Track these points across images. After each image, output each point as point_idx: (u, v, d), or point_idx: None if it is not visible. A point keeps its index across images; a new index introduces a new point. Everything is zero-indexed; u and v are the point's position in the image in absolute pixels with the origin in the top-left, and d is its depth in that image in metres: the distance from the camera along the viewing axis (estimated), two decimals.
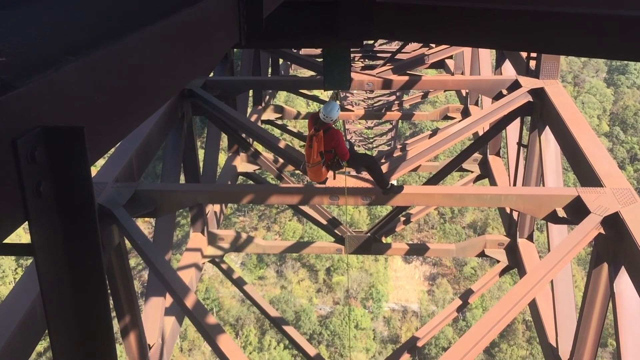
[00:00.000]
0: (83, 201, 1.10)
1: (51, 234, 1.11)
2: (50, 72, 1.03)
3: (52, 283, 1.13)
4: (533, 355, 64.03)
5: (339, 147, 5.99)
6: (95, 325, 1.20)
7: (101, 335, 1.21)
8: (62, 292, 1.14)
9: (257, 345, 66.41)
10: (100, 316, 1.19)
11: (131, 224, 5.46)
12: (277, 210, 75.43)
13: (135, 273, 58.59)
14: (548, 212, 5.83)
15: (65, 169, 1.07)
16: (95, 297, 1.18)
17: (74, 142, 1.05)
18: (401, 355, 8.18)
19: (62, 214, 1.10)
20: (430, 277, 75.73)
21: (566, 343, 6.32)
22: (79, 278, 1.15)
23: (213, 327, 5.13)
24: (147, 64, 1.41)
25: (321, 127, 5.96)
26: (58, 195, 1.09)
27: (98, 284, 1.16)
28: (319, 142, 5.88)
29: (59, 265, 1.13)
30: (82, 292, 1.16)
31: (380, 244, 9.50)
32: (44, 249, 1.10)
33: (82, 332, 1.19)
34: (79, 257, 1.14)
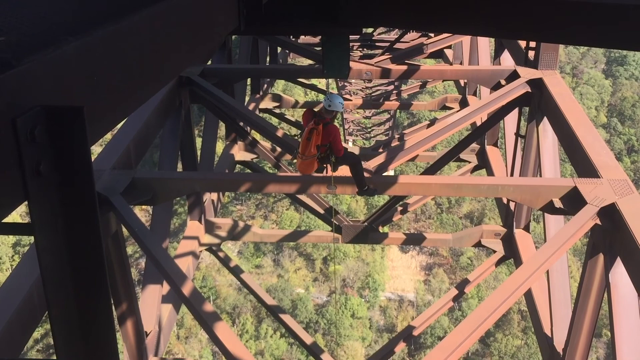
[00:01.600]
0: (83, 181, 1.10)
1: (51, 214, 1.10)
2: (49, 51, 1.02)
3: (51, 263, 1.13)
4: (528, 345, 64.40)
5: (336, 142, 6.05)
6: (95, 306, 1.20)
7: (101, 316, 1.21)
8: (61, 273, 1.14)
9: (253, 334, 66.67)
10: (100, 297, 1.19)
11: (128, 211, 5.46)
12: (274, 199, 75.47)
13: (132, 261, 58.62)
14: (545, 203, 5.84)
15: (65, 149, 1.07)
16: (95, 276, 1.17)
17: (73, 121, 1.04)
18: (397, 344, 8.22)
19: (61, 193, 1.10)
20: (426, 267, 75.97)
21: (561, 333, 6.35)
22: (78, 258, 1.15)
23: (210, 315, 5.14)
24: (146, 45, 1.41)
25: (321, 120, 6.00)
26: (58, 175, 1.09)
27: (98, 264, 1.16)
28: (318, 135, 5.93)
29: (58, 245, 1.13)
30: (81, 272, 1.16)
31: (377, 234, 9.52)
32: (44, 228, 1.10)
33: (82, 313, 1.19)
34: (78, 236, 1.14)
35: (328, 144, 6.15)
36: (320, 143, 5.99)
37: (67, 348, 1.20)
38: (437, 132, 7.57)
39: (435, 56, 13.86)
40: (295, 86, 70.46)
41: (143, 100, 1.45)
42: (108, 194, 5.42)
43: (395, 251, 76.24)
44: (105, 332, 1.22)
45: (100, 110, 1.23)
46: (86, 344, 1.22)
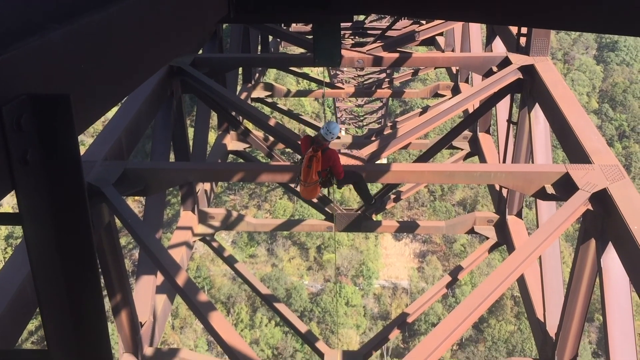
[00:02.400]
0: (71, 170, 1.08)
1: (39, 203, 1.09)
2: (34, 39, 1.00)
3: (40, 253, 1.12)
4: (521, 330, 64.94)
5: (336, 166, 6.14)
6: (86, 296, 1.19)
7: (92, 307, 1.20)
8: (51, 263, 1.13)
9: (248, 323, 66.87)
10: (91, 286, 1.18)
11: (121, 202, 5.44)
12: (267, 189, 75.44)
13: (125, 252, 58.57)
14: (537, 189, 5.87)
15: (52, 137, 1.05)
16: (85, 267, 1.17)
17: (60, 110, 1.03)
18: (391, 331, 8.26)
19: (49, 182, 1.08)
20: (420, 254, 76.29)
21: (554, 318, 6.40)
22: (68, 248, 1.14)
23: (204, 305, 5.15)
24: (134, 33, 1.39)
25: (319, 147, 6.12)
26: (45, 164, 1.08)
27: (88, 254, 1.15)
28: (317, 162, 6.05)
29: (47, 235, 1.11)
30: (71, 262, 1.15)
31: (371, 222, 9.53)
32: (32, 218, 1.09)
33: (73, 304, 1.18)
34: (68, 227, 1.13)
35: (328, 168, 6.27)
36: (320, 169, 6.11)
37: (58, 338, 1.19)
38: (430, 120, 7.57)
39: (427, 43, 13.85)
40: (287, 75, 70.22)
41: (131, 89, 1.43)
42: (100, 185, 5.40)
43: (389, 239, 76.50)
44: (96, 322, 1.22)
45: (88, 99, 1.21)
46: (77, 334, 1.22)
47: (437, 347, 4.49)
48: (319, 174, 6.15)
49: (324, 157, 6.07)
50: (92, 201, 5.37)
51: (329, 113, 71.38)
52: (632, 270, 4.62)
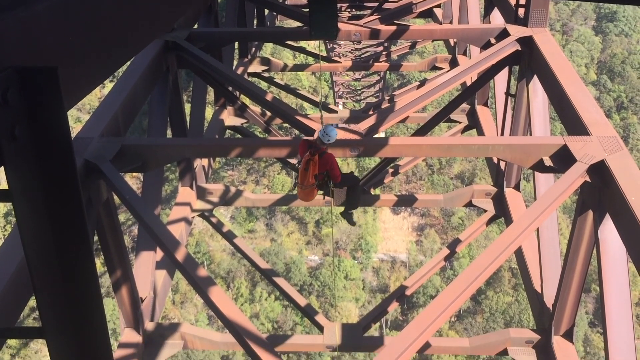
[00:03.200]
0: (60, 145, 1.07)
1: (29, 179, 1.07)
2: (19, 10, 0.98)
3: (32, 230, 1.11)
4: (518, 302, 65.59)
5: (333, 170, 6.24)
6: (80, 273, 1.18)
7: (86, 283, 1.20)
8: (43, 240, 1.12)
9: (248, 297, 67.44)
10: (84, 263, 1.18)
11: (119, 179, 5.43)
12: (265, 164, 75.41)
13: (125, 228, 58.74)
14: (535, 161, 5.86)
15: (40, 112, 1.03)
16: (79, 243, 1.15)
17: (47, 83, 1.00)
18: (390, 303, 8.33)
19: (39, 158, 1.07)
20: (418, 228, 76.64)
21: (551, 289, 6.45)
22: (60, 225, 1.13)
23: (204, 280, 5.17)
24: (124, 4, 1.36)
25: (317, 151, 6.19)
26: (34, 139, 1.06)
27: (81, 230, 1.14)
28: (314, 165, 6.13)
29: (38, 211, 1.10)
30: (64, 239, 1.14)
31: (369, 196, 9.55)
32: (22, 194, 1.07)
33: (66, 280, 1.18)
34: (59, 202, 1.11)
35: (325, 172, 6.36)
36: (317, 172, 6.20)
37: (52, 316, 1.19)
38: (427, 93, 7.52)
39: (425, 16, 13.70)
40: (283, 49, 69.62)
41: (122, 63, 1.40)
42: (97, 162, 5.38)
43: (387, 213, 76.74)
44: (91, 298, 1.21)
45: (77, 73, 1.19)
46: (71, 310, 1.21)
47: (436, 319, 4.53)
48: (316, 177, 6.25)
49: (321, 161, 6.16)
50: (90, 178, 5.36)
51: (327, 87, 71.02)
52: (629, 241, 4.64)
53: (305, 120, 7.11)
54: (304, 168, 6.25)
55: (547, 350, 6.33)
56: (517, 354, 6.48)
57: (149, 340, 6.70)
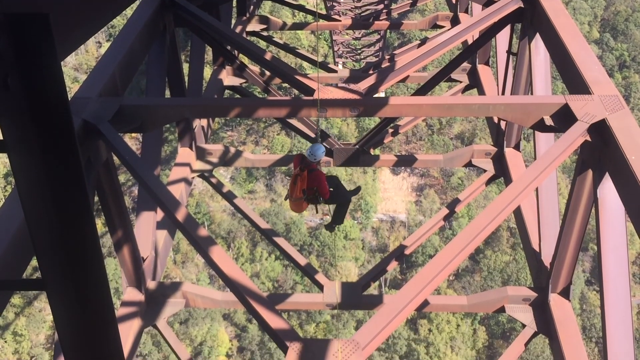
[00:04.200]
0: (54, 95, 1.04)
1: (23, 130, 1.05)
2: None
3: (28, 183, 1.10)
4: (516, 261, 66.31)
5: (321, 187, 6.40)
6: (78, 226, 1.18)
7: (84, 236, 1.20)
8: (39, 192, 1.10)
9: (249, 257, 68.13)
10: (83, 215, 1.17)
11: (118, 139, 5.42)
12: (264, 124, 75.13)
13: (125, 189, 58.92)
14: (535, 121, 5.83)
15: (32, 61, 1.00)
16: (76, 195, 1.14)
17: (39, 30, 0.97)
18: (389, 263, 8.42)
19: (33, 108, 1.04)
20: (417, 188, 76.86)
21: (549, 248, 6.51)
22: (56, 176, 1.11)
23: (205, 240, 5.20)
24: None
25: (306, 167, 6.37)
26: (27, 89, 1.03)
27: (78, 182, 1.13)
28: (302, 181, 6.31)
29: (34, 162, 1.08)
30: (61, 191, 1.13)
31: (369, 156, 9.55)
32: (17, 145, 1.05)
33: (64, 232, 1.17)
34: (54, 153, 1.09)
35: (315, 187, 6.53)
36: (305, 187, 6.36)
37: (51, 268, 1.19)
38: (428, 52, 7.44)
39: None
40: (282, 7, 68.54)
41: (116, 11, 1.36)
42: (96, 122, 5.35)
43: (387, 173, 76.85)
44: (91, 255, 1.22)
45: (70, 21, 1.15)
46: (70, 263, 1.22)
47: (434, 278, 4.58)
48: (304, 192, 6.40)
49: (310, 177, 6.33)
50: (89, 138, 5.35)
51: (326, 47, 70.14)
52: (627, 200, 4.67)
53: (304, 80, 7.05)
54: (292, 181, 6.50)
55: (543, 308, 6.44)
56: (514, 311, 6.58)
57: (151, 299, 6.80)
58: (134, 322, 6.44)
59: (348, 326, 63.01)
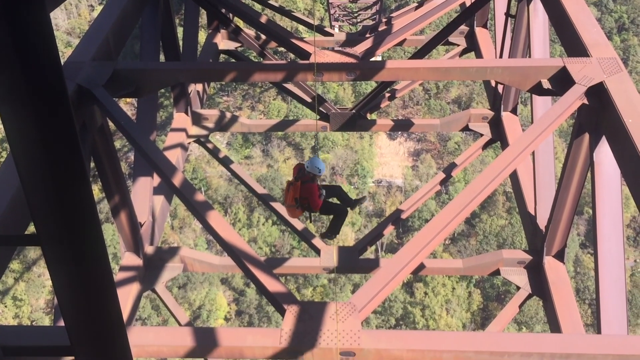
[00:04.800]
0: (44, 49, 1.01)
1: (13, 86, 1.03)
2: None
3: (23, 148, 1.08)
4: (512, 225, 66.80)
5: (312, 199, 6.53)
6: (74, 191, 1.17)
7: (81, 201, 1.19)
8: (34, 158, 1.09)
9: (246, 222, 68.45)
10: (78, 181, 1.16)
11: (113, 104, 5.38)
12: (260, 89, 74.62)
13: (121, 155, 58.78)
14: (533, 84, 5.80)
15: (19, 12, 0.96)
16: (71, 161, 1.13)
17: None
18: (385, 227, 8.47)
19: (22, 63, 1.02)
20: (414, 153, 76.89)
21: (544, 211, 6.55)
22: (50, 141, 1.10)
23: (202, 205, 5.21)
24: None
25: (300, 178, 6.52)
26: (16, 42, 1.00)
27: (72, 145, 1.12)
28: (294, 190, 6.48)
29: (25, 118, 1.06)
30: (55, 156, 1.12)
31: (365, 121, 9.51)
32: (7, 102, 1.03)
33: (59, 192, 1.16)
34: (46, 110, 1.07)
35: (306, 198, 6.67)
36: (298, 196, 6.51)
37: (45, 225, 1.18)
38: (425, 15, 7.35)
39: None
40: None
41: None
42: (90, 87, 5.30)
43: (384, 138, 76.76)
44: (88, 218, 1.21)
45: None
46: (66, 222, 1.21)
47: (430, 242, 4.61)
48: (297, 200, 6.54)
49: (302, 188, 6.46)
50: (83, 103, 5.30)
51: (322, 9, 69.15)
52: (623, 163, 4.67)
53: (300, 44, 6.97)
54: (286, 189, 6.71)
55: (538, 270, 6.51)
56: (508, 274, 6.66)
57: (149, 264, 6.84)
58: (132, 286, 6.50)
59: (345, 290, 63.77)
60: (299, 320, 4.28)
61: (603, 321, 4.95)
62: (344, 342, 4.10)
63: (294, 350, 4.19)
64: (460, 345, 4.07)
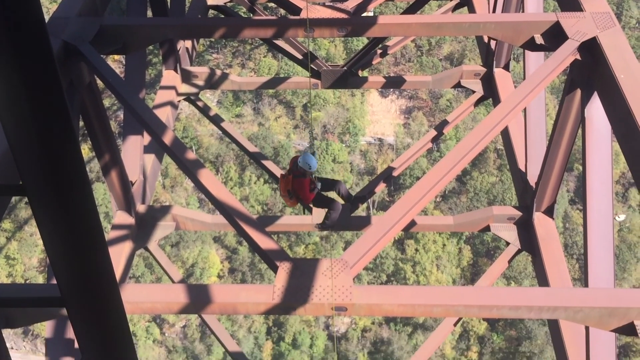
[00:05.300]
0: (26, 2, 0.98)
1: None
2: None
3: (7, 106, 1.06)
4: (502, 181, 67.22)
5: (302, 193, 6.64)
6: (62, 149, 1.15)
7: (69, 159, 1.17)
8: (20, 116, 1.07)
9: (237, 181, 68.47)
10: (66, 139, 1.15)
11: (100, 61, 5.29)
12: (251, 46, 73.59)
13: (110, 114, 58.23)
14: (526, 39, 5.75)
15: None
16: (58, 119, 1.12)
17: None
18: (377, 185, 8.50)
19: (3, 18, 0.98)
20: (406, 111, 76.61)
21: (535, 168, 6.59)
22: (35, 99, 1.08)
23: (193, 163, 5.20)
24: None
25: (293, 171, 6.60)
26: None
27: (58, 103, 1.10)
28: (286, 183, 6.59)
29: (8, 75, 1.04)
30: (41, 114, 1.09)
31: (357, 78, 9.43)
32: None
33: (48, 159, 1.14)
34: (29, 66, 1.05)
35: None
36: (289, 189, 6.63)
37: (29, 172, 1.16)
38: None
39: None
40: None
41: None
42: (76, 43, 5.20)
43: (375, 96, 76.30)
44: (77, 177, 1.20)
45: None
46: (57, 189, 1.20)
47: (421, 199, 4.64)
48: (289, 192, 6.69)
49: (293, 181, 6.57)
50: (70, 60, 5.22)
51: None
52: (615, 118, 4.68)
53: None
54: (280, 180, 6.84)
55: (527, 226, 6.58)
56: (498, 230, 6.73)
57: (141, 222, 6.86)
58: (125, 244, 6.53)
59: (337, 247, 64.41)
60: (291, 277, 4.33)
61: (590, 275, 5.03)
62: (336, 297, 4.16)
63: (286, 306, 4.25)
64: (450, 299, 4.14)
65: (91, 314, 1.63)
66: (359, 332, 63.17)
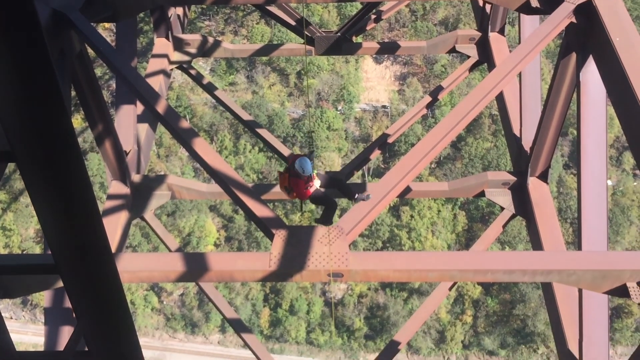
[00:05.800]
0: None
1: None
2: None
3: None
4: (497, 147, 67.26)
5: (297, 191, 6.64)
6: (52, 119, 1.14)
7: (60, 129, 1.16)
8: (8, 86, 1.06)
9: (232, 150, 68.33)
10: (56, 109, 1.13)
11: (90, 29, 5.21)
12: (243, 13, 72.60)
13: (102, 83, 57.65)
14: (521, 3, 5.69)
15: None
16: (47, 88, 1.10)
17: None
18: (372, 152, 8.50)
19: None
20: (400, 77, 76.12)
21: (529, 133, 6.59)
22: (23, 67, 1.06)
23: (187, 132, 5.17)
24: None
25: (290, 170, 6.58)
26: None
27: (47, 72, 1.08)
28: (283, 180, 6.61)
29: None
30: (30, 83, 1.08)
31: (351, 44, 9.34)
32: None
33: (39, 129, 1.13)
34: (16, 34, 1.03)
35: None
36: (286, 185, 6.66)
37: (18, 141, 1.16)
38: None
39: None
40: None
41: None
42: (66, 11, 5.11)
43: (370, 62, 75.68)
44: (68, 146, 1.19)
45: None
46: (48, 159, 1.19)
47: (416, 165, 4.65)
48: (286, 188, 6.74)
49: (290, 180, 6.60)
50: (60, 29, 5.13)
51: None
52: (609, 82, 4.66)
53: None
54: (279, 175, 6.88)
55: (522, 191, 6.61)
56: (493, 195, 6.76)
57: (136, 192, 6.86)
58: (121, 214, 6.54)
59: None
60: (287, 244, 4.35)
61: (584, 239, 5.08)
62: (332, 263, 4.19)
63: (283, 273, 4.28)
64: (445, 264, 4.18)
65: (84, 281, 1.64)
66: (355, 298, 63.90)
